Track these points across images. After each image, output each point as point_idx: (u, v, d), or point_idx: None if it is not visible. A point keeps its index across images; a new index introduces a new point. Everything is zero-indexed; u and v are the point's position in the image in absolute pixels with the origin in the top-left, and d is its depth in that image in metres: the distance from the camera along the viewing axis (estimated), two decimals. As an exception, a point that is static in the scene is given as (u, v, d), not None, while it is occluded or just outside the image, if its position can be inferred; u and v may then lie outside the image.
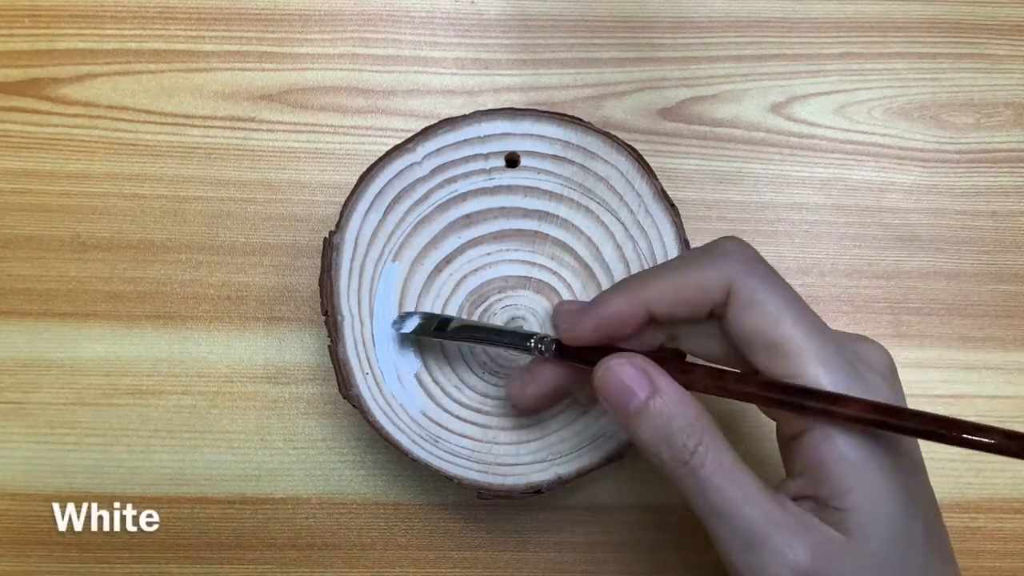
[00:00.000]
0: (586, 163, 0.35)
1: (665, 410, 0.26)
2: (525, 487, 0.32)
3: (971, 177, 0.40)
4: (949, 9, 0.42)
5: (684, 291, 0.26)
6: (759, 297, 0.25)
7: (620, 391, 0.26)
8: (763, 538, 0.24)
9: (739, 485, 0.25)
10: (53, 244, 0.38)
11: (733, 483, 0.25)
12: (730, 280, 0.25)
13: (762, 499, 0.24)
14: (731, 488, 0.25)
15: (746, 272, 0.25)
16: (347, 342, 0.33)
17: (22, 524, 0.36)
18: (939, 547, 0.26)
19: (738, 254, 0.26)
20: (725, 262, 0.26)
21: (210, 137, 0.39)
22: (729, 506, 0.24)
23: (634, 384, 0.26)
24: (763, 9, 0.42)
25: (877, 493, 0.24)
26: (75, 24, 0.40)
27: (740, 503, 0.24)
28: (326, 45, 0.40)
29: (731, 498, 0.24)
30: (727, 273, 0.25)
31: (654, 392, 0.26)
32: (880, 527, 0.24)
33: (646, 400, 0.26)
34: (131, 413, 0.37)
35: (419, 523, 0.37)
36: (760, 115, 0.40)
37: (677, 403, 0.26)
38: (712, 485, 0.25)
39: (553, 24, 0.41)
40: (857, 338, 0.27)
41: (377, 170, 0.34)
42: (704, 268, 0.26)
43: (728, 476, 0.25)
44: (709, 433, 0.25)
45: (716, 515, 0.25)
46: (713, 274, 0.25)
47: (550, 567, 0.37)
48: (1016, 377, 0.39)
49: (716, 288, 0.25)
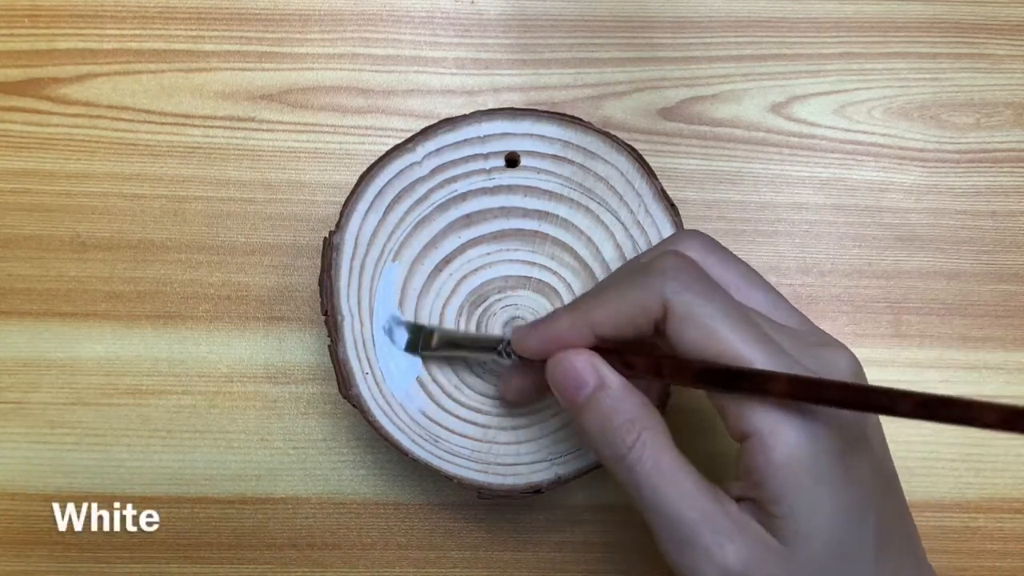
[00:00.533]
0: (586, 163, 0.35)
1: (607, 403, 0.26)
2: (525, 487, 0.32)
3: (971, 177, 0.40)
4: (949, 9, 0.42)
5: (625, 314, 0.26)
6: (694, 311, 0.25)
7: (569, 382, 0.27)
8: (695, 537, 0.24)
9: (675, 483, 0.25)
10: (53, 244, 0.38)
11: (669, 480, 0.25)
12: (665, 298, 0.25)
13: (698, 498, 0.25)
14: (666, 486, 0.25)
15: (680, 287, 0.25)
16: (347, 342, 0.33)
17: (22, 524, 0.36)
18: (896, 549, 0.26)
19: (674, 271, 0.26)
20: (660, 280, 0.25)
21: (210, 137, 0.39)
22: (664, 503, 0.25)
23: (583, 375, 0.27)
24: (763, 9, 0.42)
25: (814, 502, 0.24)
26: (75, 24, 0.40)
27: (674, 501, 0.25)
28: (326, 45, 0.40)
29: (666, 495, 0.25)
30: (661, 292, 0.25)
31: (600, 385, 0.26)
32: (817, 537, 0.24)
33: (592, 392, 0.26)
34: (131, 413, 0.37)
35: (419, 523, 0.37)
36: (760, 115, 0.40)
37: (619, 398, 0.26)
38: (648, 482, 0.25)
39: (553, 24, 0.41)
40: (819, 343, 0.27)
41: (377, 170, 0.34)
42: (640, 288, 0.26)
43: (664, 473, 0.25)
44: (650, 430, 0.26)
45: (651, 512, 0.25)
46: (649, 294, 0.25)
47: (550, 567, 0.37)
48: (1016, 377, 0.39)
49: (654, 307, 0.25)
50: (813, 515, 0.24)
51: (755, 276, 0.29)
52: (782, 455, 0.24)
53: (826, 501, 0.24)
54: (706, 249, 0.29)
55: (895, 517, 0.26)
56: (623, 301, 0.26)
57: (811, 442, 0.24)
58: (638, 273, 0.26)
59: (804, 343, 0.26)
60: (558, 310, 0.29)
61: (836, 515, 0.24)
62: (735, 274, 0.28)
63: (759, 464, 0.24)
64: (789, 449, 0.24)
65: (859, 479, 0.25)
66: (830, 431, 0.24)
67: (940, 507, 0.37)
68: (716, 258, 0.28)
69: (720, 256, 0.29)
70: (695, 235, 0.29)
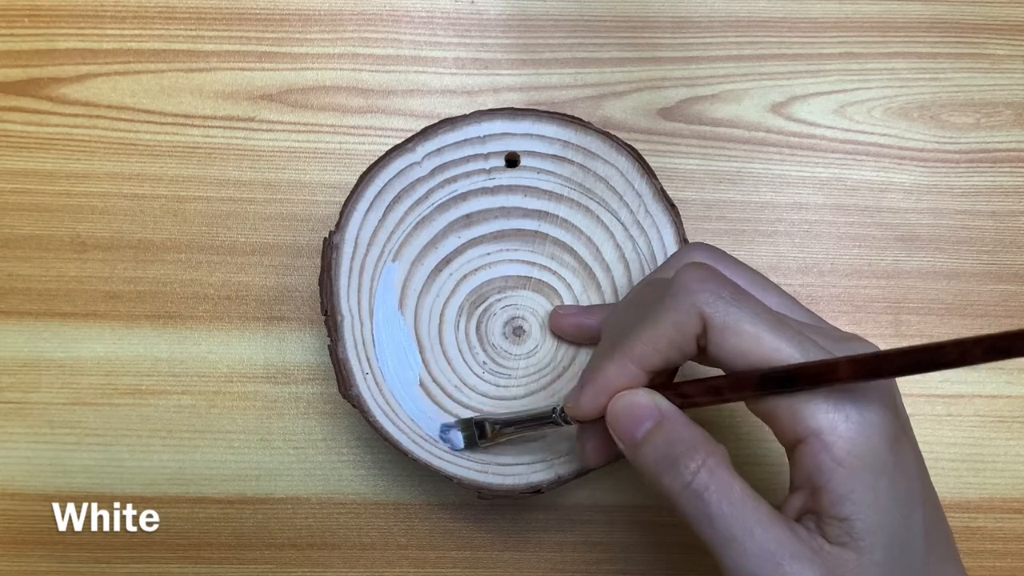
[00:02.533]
0: (586, 163, 0.35)
1: (668, 435, 0.26)
2: (525, 487, 0.32)
3: (971, 177, 0.40)
4: (949, 9, 0.42)
5: (666, 339, 0.26)
6: (732, 320, 0.25)
7: (628, 421, 0.26)
8: (776, 568, 0.24)
9: (747, 511, 0.24)
10: (53, 244, 0.38)
11: (740, 508, 0.24)
12: (700, 311, 0.25)
13: (771, 525, 0.24)
14: (740, 515, 0.24)
15: (712, 298, 0.25)
16: (347, 342, 0.33)
17: (22, 524, 0.36)
18: (939, 547, 0.26)
19: (700, 282, 0.25)
20: (690, 296, 0.25)
21: (210, 137, 0.39)
22: (737, 532, 0.24)
23: (642, 411, 0.26)
24: (763, 9, 0.42)
25: (876, 497, 0.24)
26: (75, 24, 0.40)
27: (748, 529, 0.24)
28: (326, 45, 0.40)
29: (739, 524, 0.24)
30: (695, 306, 0.25)
31: (661, 417, 0.26)
32: (882, 533, 0.24)
33: (652, 427, 0.26)
34: (131, 413, 0.37)
35: (419, 523, 0.37)
36: (760, 115, 0.40)
37: (679, 427, 0.26)
38: (718, 511, 0.24)
39: (553, 24, 0.41)
40: (850, 336, 0.27)
41: (377, 170, 0.34)
42: (672, 309, 0.25)
43: (735, 502, 0.24)
44: (713, 457, 0.25)
45: (724, 542, 0.24)
46: (683, 312, 0.25)
47: (550, 567, 0.37)
48: (1016, 377, 0.39)
49: (692, 324, 0.25)
50: (875, 511, 0.24)
51: (765, 281, 0.29)
52: (842, 450, 0.24)
53: (884, 494, 0.24)
54: (714, 259, 0.29)
55: (935, 510, 0.26)
56: (659, 327, 0.26)
57: (866, 434, 0.24)
58: (664, 295, 0.26)
59: (832, 338, 0.26)
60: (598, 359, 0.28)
61: (893, 508, 0.24)
62: (746, 281, 0.28)
63: (820, 464, 0.24)
64: (848, 444, 0.24)
65: (908, 469, 0.25)
66: (881, 421, 0.24)
67: (940, 507, 0.38)
68: (724, 265, 0.28)
69: (728, 264, 0.29)
70: (701, 247, 0.29)
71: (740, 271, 0.29)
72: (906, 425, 0.26)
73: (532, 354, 0.35)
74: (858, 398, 0.24)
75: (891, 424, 0.24)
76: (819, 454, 0.24)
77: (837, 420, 0.24)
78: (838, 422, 0.24)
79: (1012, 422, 0.38)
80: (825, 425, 0.24)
